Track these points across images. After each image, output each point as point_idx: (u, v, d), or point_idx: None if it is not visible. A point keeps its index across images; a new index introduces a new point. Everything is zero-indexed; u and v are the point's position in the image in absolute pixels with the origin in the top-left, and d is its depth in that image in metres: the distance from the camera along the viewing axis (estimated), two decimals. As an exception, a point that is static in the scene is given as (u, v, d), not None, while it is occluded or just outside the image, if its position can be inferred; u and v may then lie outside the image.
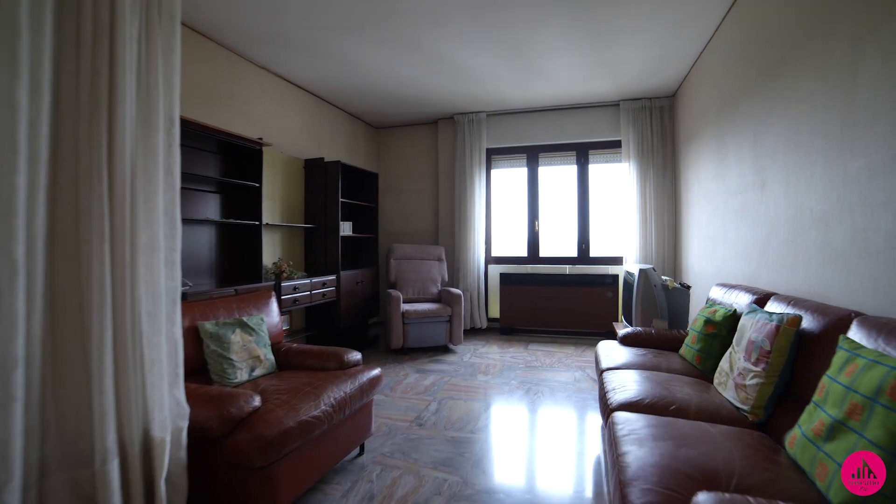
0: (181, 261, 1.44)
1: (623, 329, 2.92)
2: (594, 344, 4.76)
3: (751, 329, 1.83)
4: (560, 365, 4.01)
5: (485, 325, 5.41)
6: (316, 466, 1.84)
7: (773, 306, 1.95)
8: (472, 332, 5.34)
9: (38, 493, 1.12)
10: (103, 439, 1.17)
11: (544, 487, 2.02)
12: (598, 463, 2.23)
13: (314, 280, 3.85)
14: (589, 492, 1.96)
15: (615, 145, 5.04)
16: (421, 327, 4.40)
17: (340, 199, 4.28)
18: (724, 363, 1.99)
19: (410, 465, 2.20)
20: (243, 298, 2.39)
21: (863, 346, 1.29)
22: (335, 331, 4.32)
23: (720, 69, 3.22)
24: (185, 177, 2.88)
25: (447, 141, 5.61)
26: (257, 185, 3.38)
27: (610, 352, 2.63)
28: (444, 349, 4.58)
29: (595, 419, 2.79)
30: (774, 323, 1.69)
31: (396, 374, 3.77)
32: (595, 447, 2.41)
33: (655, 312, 3.13)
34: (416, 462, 2.24)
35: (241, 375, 2.05)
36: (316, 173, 4.36)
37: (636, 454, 1.34)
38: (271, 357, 2.27)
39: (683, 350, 2.48)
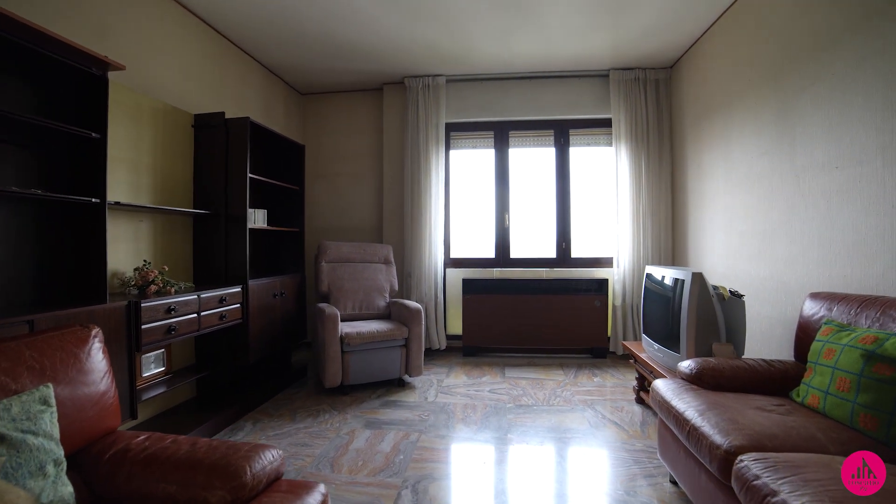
0: None
1: (685, 362, 1.98)
2: (584, 365, 3.86)
3: None
4: (559, 401, 3.03)
5: (444, 345, 4.30)
6: None
7: None
8: (429, 356, 4.20)
9: None
10: None
11: None
12: None
13: (205, 295, 2.47)
14: None
15: (601, 124, 4.22)
16: (367, 356, 3.19)
17: (249, 175, 2.93)
18: None
19: None
20: (6, 351, 1.05)
21: None
22: (242, 366, 2.95)
23: (780, 13, 2.44)
24: None
25: (395, 112, 4.42)
26: (96, 135, 1.96)
27: (693, 403, 1.66)
28: (399, 384, 3.39)
29: (648, 497, 1.81)
30: None
31: (338, 433, 2.52)
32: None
33: (715, 334, 2.24)
34: None
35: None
36: (214, 136, 2.95)
37: None
38: (63, 491, 0.97)
39: (816, 400, 1.58)
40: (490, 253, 4.47)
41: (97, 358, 1.25)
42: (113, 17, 2.41)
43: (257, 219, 3.19)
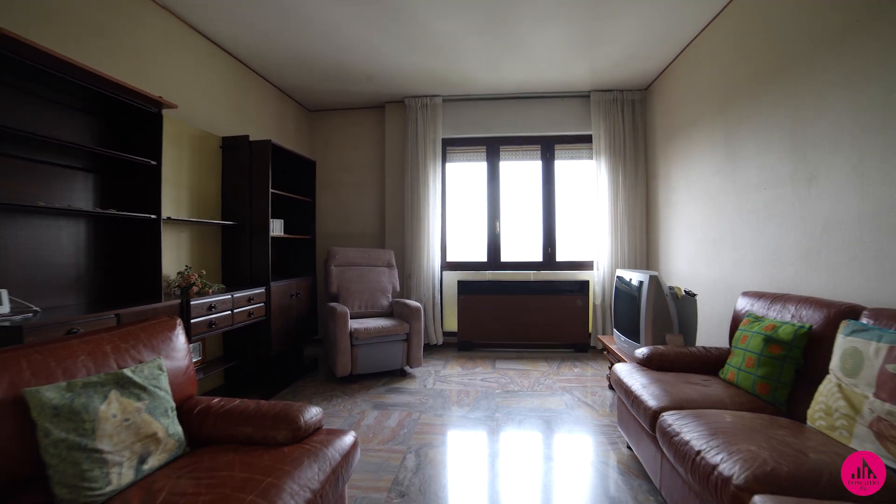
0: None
1: (640, 349, 2.42)
2: (567, 358, 4.30)
3: (880, 356, 1.37)
4: (541, 387, 3.46)
5: (441, 340, 4.73)
6: None
7: (882, 323, 1.52)
8: (428, 350, 4.62)
9: None
10: None
11: None
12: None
13: (237, 295, 2.89)
14: None
15: (583, 140, 4.66)
16: (373, 349, 3.61)
17: (271, 191, 3.35)
18: (829, 400, 1.52)
19: (410, 581, 1.46)
20: (127, 333, 1.47)
21: None
22: (264, 359, 3.36)
23: (726, 54, 2.89)
24: (27, 138, 1.85)
25: (396, 128, 4.86)
26: (154, 162, 2.38)
27: (639, 379, 2.10)
28: (401, 374, 3.82)
29: (606, 455, 2.24)
30: (936, 351, 1.23)
31: (350, 413, 2.95)
32: (639, 509, 1.85)
33: (668, 326, 2.68)
34: (417, 572, 1.50)
35: (122, 476, 1.16)
36: (238, 156, 3.37)
37: None
38: (177, 429, 1.39)
39: (733, 375, 2.01)
40: (483, 257, 4.90)
41: (181, 340, 1.67)
42: (154, 55, 2.81)
43: (275, 227, 3.61)
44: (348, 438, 1.51)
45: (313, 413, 1.55)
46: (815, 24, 2.11)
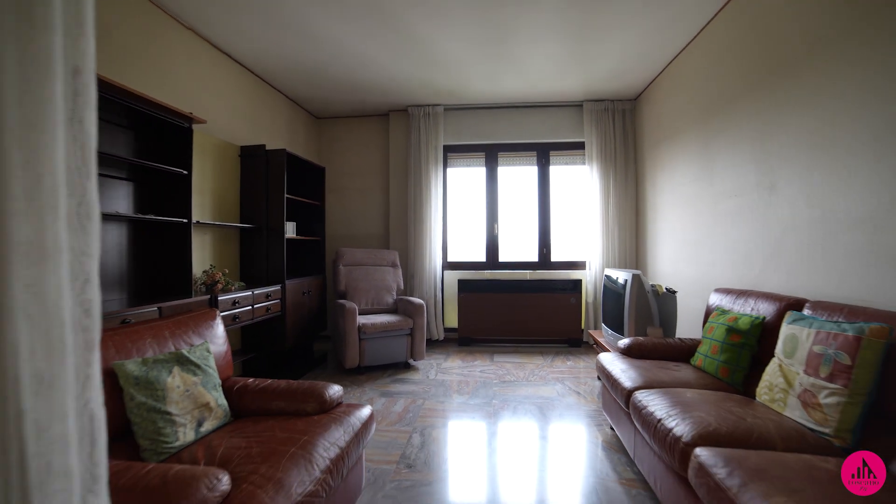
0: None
1: (622, 340, 2.69)
2: (561, 353, 4.57)
3: (810, 340, 1.64)
4: (536, 378, 3.73)
5: (442, 336, 5.01)
6: (309, 561, 1.31)
7: (818, 313, 1.79)
8: (430, 345, 4.90)
9: None
10: None
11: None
12: (610, 495, 1.93)
13: (257, 292, 3.17)
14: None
15: (576, 147, 4.94)
16: (379, 343, 3.88)
17: (286, 195, 3.63)
18: (772, 378, 1.79)
19: (418, 529, 1.73)
20: (180, 322, 1.75)
21: None
22: (279, 351, 3.64)
23: (704, 71, 3.16)
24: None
25: (400, 135, 5.13)
26: (185, 172, 2.66)
27: (619, 366, 2.37)
28: (405, 366, 4.09)
29: (591, 438, 2.51)
30: (850, 334, 1.50)
31: (360, 400, 3.22)
32: (601, 476, 2.12)
33: (650, 320, 2.96)
34: (424, 523, 1.77)
35: (186, 435, 1.44)
36: (255, 163, 3.65)
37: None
38: (224, 402, 1.67)
39: (701, 361, 2.29)
40: (482, 257, 5.17)
41: (221, 329, 1.94)
42: (180, 72, 3.09)
43: (288, 230, 3.88)
44: (366, 410, 1.79)
45: (336, 389, 1.82)
46: (772, 52, 2.38)
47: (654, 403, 1.80)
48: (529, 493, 2.00)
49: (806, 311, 1.88)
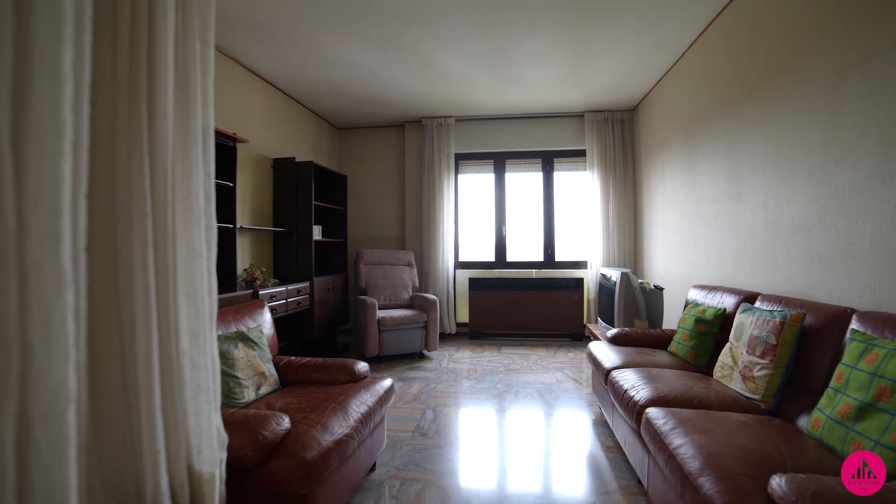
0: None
1: (610, 330, 3.05)
2: (563, 345, 4.93)
3: (752, 326, 1.99)
4: (538, 367, 4.10)
5: (454, 330, 5.41)
6: (345, 487, 1.73)
7: (764, 304, 2.13)
8: (442, 338, 5.31)
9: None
10: (156, 482, 1.00)
11: (564, 490, 2.05)
12: (592, 458, 2.30)
13: (290, 287, 3.62)
14: (611, 485, 2.02)
15: (579, 154, 5.29)
16: (397, 334, 4.30)
17: (314, 203, 4.08)
18: (724, 358, 2.14)
19: (429, 477, 2.13)
20: (238, 309, 2.19)
21: (877, 338, 1.45)
22: (307, 341, 4.08)
23: (688, 88, 3.49)
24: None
25: (414, 144, 5.55)
26: (231, 184, 3.12)
27: (605, 352, 2.73)
28: (420, 356, 4.51)
29: (582, 416, 2.88)
30: (778, 319, 1.85)
31: (379, 384, 3.64)
32: (586, 445, 2.49)
33: (637, 313, 3.30)
34: (434, 473, 2.17)
35: (249, 394, 1.87)
36: (286, 174, 4.11)
37: (692, 446, 1.39)
38: (275, 373, 2.10)
39: (675, 347, 2.64)
40: (491, 257, 5.56)
41: (268, 316, 2.38)
42: (223, 95, 3.55)
43: (316, 233, 4.33)
44: (387, 381, 2.20)
45: (363, 365, 2.24)
46: (739, 77, 2.71)
47: (625, 378, 2.17)
48: (525, 458, 2.39)
49: (758, 303, 2.22)
